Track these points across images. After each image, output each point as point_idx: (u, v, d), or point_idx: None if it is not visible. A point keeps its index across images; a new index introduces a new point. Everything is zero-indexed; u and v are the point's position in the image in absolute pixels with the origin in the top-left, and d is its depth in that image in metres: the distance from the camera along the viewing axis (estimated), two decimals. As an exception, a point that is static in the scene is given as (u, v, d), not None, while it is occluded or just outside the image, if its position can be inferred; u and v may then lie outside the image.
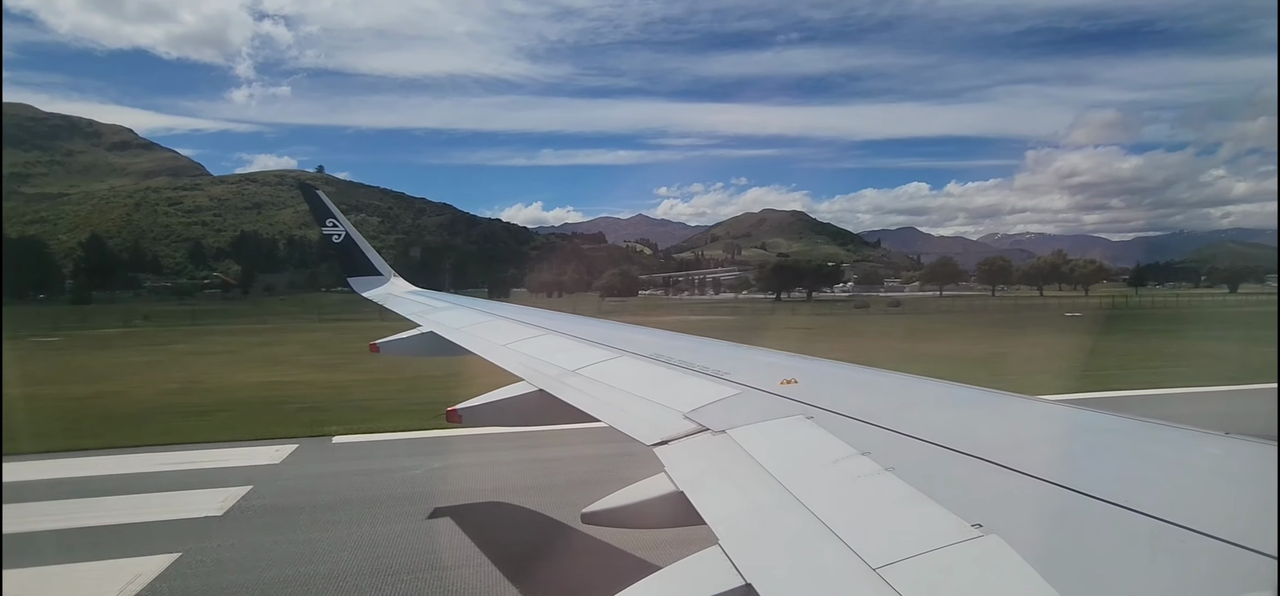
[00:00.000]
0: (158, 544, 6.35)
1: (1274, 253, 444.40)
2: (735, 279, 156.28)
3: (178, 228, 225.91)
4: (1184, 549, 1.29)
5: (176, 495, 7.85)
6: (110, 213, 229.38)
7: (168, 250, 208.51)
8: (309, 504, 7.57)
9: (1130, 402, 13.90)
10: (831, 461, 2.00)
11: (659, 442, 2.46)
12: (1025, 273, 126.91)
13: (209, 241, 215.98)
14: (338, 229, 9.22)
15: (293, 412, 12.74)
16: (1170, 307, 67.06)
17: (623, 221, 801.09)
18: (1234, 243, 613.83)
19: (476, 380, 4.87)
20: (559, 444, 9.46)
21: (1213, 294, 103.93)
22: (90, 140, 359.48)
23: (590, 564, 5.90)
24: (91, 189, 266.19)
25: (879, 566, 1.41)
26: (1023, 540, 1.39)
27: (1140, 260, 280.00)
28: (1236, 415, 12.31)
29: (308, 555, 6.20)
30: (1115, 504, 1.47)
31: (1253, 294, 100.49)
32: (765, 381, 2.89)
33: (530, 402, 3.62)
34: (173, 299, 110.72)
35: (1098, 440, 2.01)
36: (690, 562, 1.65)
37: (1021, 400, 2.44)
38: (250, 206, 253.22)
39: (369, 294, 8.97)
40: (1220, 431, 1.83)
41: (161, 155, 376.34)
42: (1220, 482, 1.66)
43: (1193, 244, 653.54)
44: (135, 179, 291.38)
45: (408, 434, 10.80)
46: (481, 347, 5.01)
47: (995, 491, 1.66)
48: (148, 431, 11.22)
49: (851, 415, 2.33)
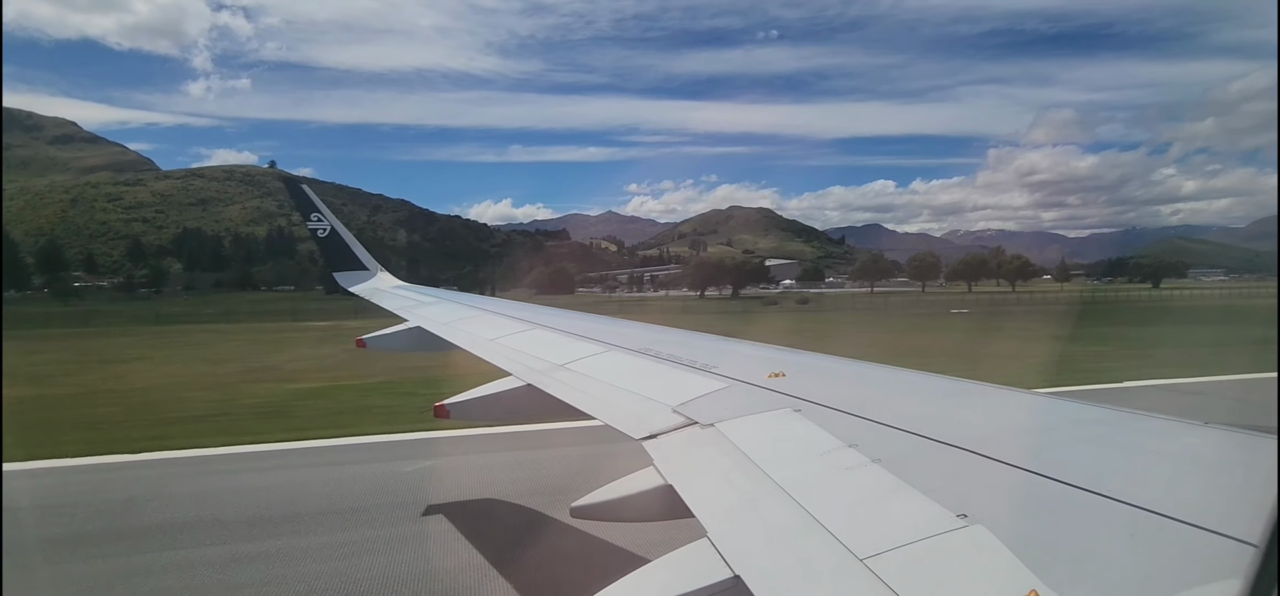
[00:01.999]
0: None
1: (1206, 250, 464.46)
2: (671, 276, 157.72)
3: (117, 224, 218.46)
4: (1162, 536, 1.32)
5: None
6: (44, 209, 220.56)
7: (105, 248, 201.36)
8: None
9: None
10: (818, 454, 2.01)
11: (647, 436, 2.48)
12: (954, 269, 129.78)
13: (149, 239, 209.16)
14: (323, 223, 9.17)
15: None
16: (1069, 302, 67.85)
17: (592, 218, 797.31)
18: (1182, 239, 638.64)
19: (455, 375, 4.91)
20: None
21: (1136, 289, 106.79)
22: (30, 133, 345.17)
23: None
24: (28, 184, 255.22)
25: (866, 556, 1.42)
26: (1007, 529, 1.41)
27: (1100, 256, 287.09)
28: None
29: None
30: (1096, 493, 1.50)
31: (1174, 289, 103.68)
32: (753, 375, 2.92)
33: (519, 397, 3.61)
34: (104, 298, 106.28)
35: (1079, 431, 2.05)
36: (679, 555, 1.66)
37: (1006, 391, 2.48)
38: (195, 202, 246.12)
39: (355, 289, 8.92)
40: (1198, 421, 1.88)
41: (108, 149, 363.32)
42: (1197, 471, 1.69)
43: (1145, 240, 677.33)
44: (76, 174, 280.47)
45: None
46: (469, 342, 4.97)
47: (980, 482, 1.68)
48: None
49: (838, 408, 2.36)
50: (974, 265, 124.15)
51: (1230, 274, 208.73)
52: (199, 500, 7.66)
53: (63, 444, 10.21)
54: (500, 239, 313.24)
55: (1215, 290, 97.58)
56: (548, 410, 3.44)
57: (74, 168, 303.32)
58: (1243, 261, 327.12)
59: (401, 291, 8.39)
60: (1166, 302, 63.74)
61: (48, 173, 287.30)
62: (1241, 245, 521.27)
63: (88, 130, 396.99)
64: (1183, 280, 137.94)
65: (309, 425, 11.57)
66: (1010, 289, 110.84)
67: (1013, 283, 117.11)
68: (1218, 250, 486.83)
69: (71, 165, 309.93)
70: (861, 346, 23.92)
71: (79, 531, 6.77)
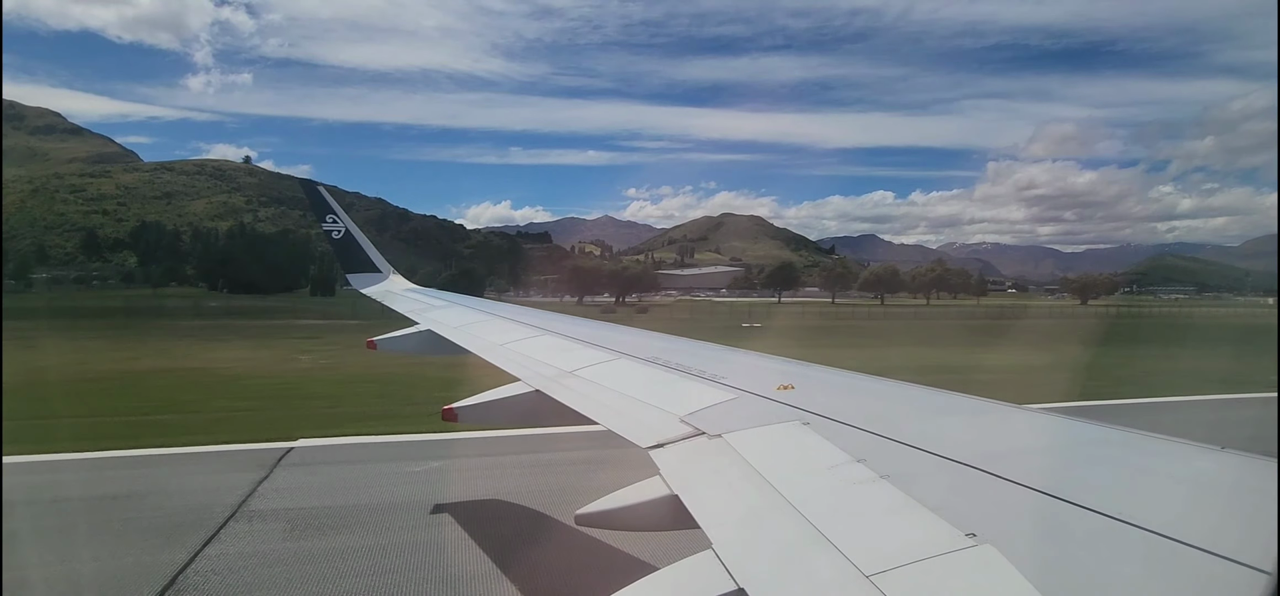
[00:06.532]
0: None
1: (1198, 268, 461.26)
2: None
3: (75, 217, 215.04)
4: (1177, 562, 1.28)
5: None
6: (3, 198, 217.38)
7: (59, 240, 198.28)
8: None
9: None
10: (826, 467, 1.98)
11: (654, 446, 2.46)
12: (865, 280, 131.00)
13: (107, 232, 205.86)
14: (338, 225, 9.33)
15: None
16: (967, 314, 67.04)
17: (588, 222, 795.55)
18: (1176, 256, 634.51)
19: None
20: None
21: (1063, 303, 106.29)
22: (11, 123, 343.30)
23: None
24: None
25: (872, 574, 1.40)
26: (1017, 551, 1.39)
27: (1092, 271, 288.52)
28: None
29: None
30: (1109, 516, 1.47)
31: (1102, 306, 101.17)
32: (762, 386, 2.91)
33: (527, 403, 3.61)
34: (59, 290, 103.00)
35: (1093, 451, 2.01)
36: (683, 566, 1.64)
37: (1018, 410, 2.44)
38: (160, 196, 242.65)
39: (368, 291, 9.07)
40: (1215, 446, 1.82)
41: (91, 141, 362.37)
42: (1214, 496, 1.65)
43: (1139, 256, 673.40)
44: (53, 165, 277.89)
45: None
46: (479, 347, 5.02)
47: (990, 501, 1.65)
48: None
49: (848, 422, 2.33)
50: (930, 278, 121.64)
51: (1206, 291, 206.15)
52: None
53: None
54: (476, 240, 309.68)
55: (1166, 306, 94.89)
56: (555, 416, 3.43)
57: (54, 159, 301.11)
58: (1233, 280, 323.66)
59: (413, 294, 8.53)
60: (1051, 319, 61.20)
61: (27, 163, 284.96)
62: (1234, 264, 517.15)
63: (73, 121, 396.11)
64: (1109, 298, 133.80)
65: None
66: (976, 302, 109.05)
67: (928, 296, 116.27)
68: (1210, 268, 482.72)
69: (51, 156, 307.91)
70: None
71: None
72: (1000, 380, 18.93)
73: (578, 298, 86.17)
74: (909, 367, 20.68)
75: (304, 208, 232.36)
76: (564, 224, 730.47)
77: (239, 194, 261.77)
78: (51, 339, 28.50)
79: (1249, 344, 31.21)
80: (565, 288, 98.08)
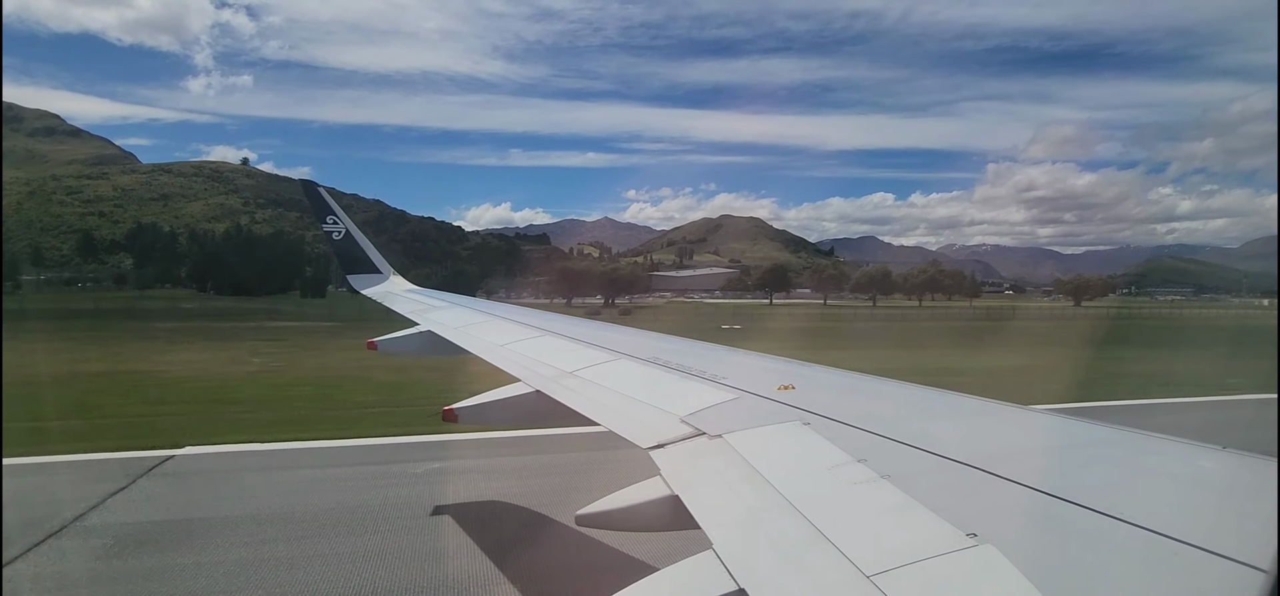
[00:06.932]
0: None
1: (1197, 269, 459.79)
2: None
3: (71, 218, 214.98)
4: (1176, 561, 1.29)
5: None
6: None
7: (55, 242, 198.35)
8: None
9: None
10: (827, 468, 1.99)
11: (655, 446, 2.46)
12: (857, 281, 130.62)
13: (103, 233, 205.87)
14: (338, 226, 9.35)
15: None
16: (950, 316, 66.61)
17: (588, 223, 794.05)
18: (1175, 257, 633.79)
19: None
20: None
21: (1057, 305, 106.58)
22: (11, 125, 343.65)
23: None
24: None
25: (873, 574, 1.40)
26: (1017, 550, 1.39)
27: (1093, 272, 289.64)
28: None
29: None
30: (1109, 515, 1.47)
31: (1094, 307, 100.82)
32: (762, 386, 2.90)
33: (527, 403, 3.60)
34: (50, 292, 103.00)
35: (1092, 451, 2.02)
36: (684, 567, 1.64)
37: (1018, 410, 2.43)
38: (156, 198, 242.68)
39: (368, 292, 9.05)
40: (1216, 445, 1.83)
41: (91, 143, 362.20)
42: (1212, 496, 1.66)
43: (1138, 258, 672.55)
44: (51, 167, 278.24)
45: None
46: (479, 348, 5.01)
47: (990, 501, 1.65)
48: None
49: (848, 422, 2.33)
50: (923, 280, 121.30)
51: (1200, 292, 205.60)
52: None
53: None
54: (474, 242, 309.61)
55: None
56: (556, 416, 3.40)
57: (52, 161, 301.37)
58: (1232, 282, 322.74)
59: (413, 295, 8.50)
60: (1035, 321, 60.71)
61: (25, 165, 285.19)
62: (1234, 265, 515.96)
63: (72, 123, 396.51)
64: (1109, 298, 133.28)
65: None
66: (968, 302, 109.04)
67: (970, 297, 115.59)
68: (1210, 270, 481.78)
69: (50, 158, 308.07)
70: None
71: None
72: (966, 384, 18.52)
73: (567, 299, 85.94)
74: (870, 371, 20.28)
75: (302, 209, 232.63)
76: (564, 226, 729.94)
77: (236, 195, 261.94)
78: (13, 341, 28.19)
79: (1229, 345, 30.81)
80: (556, 289, 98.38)
